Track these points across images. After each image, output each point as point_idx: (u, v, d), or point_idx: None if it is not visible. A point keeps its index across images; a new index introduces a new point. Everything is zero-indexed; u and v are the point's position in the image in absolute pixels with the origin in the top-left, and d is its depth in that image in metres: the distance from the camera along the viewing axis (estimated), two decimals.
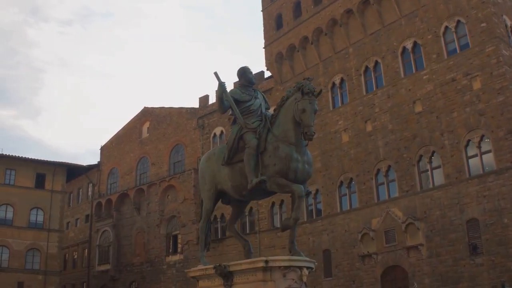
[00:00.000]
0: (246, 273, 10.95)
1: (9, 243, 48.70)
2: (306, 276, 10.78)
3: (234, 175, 11.91)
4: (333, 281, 37.71)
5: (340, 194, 39.20)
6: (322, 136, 40.88)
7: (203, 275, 11.92)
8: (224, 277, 11.23)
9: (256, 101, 12.32)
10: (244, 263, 11.08)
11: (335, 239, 38.32)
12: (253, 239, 44.33)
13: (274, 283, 10.51)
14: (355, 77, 39.35)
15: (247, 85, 12.66)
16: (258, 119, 11.99)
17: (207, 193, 12.61)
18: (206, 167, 12.75)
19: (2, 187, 49.51)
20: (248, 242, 12.64)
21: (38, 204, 50.94)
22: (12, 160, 50.71)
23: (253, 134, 11.67)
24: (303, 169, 11.29)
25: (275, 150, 11.20)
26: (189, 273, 12.62)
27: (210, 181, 12.52)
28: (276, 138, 11.32)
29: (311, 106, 10.95)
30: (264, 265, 10.56)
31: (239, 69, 12.80)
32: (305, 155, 11.40)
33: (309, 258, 11.40)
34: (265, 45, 46.79)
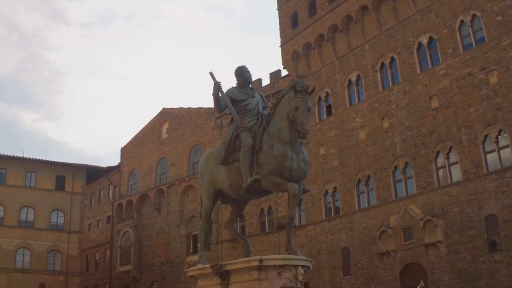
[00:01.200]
0: (242, 272, 10.97)
1: (31, 244, 49.33)
2: (302, 274, 10.70)
3: (230, 175, 11.93)
4: (352, 279, 37.51)
5: (358, 191, 38.95)
6: (339, 133, 40.72)
7: (201, 274, 11.99)
8: (221, 276, 11.27)
9: (253, 100, 12.31)
10: (239, 262, 11.09)
11: (353, 237, 38.10)
12: (272, 238, 44.36)
13: (269, 282, 10.50)
14: (371, 73, 39.07)
15: (245, 84, 12.66)
16: (254, 118, 11.99)
17: (206, 193, 12.65)
18: (204, 167, 12.79)
19: (23, 189, 50.24)
20: (247, 242, 12.69)
21: (59, 206, 51.55)
22: (33, 163, 51.41)
23: (249, 133, 11.67)
24: (298, 167, 11.23)
25: (270, 149, 11.18)
26: (188, 272, 12.69)
27: (209, 180, 12.55)
28: (272, 137, 11.29)
29: (304, 104, 10.89)
30: (259, 264, 10.56)
31: (236, 68, 12.81)
32: (301, 153, 11.34)
33: (305, 257, 11.29)
34: (281, 43, 46.69)
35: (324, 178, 41.51)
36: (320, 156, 42.17)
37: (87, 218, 66.53)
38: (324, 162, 41.74)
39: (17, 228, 49.34)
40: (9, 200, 49.45)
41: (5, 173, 50.36)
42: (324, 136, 42.09)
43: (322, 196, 41.52)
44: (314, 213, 41.71)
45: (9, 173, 50.46)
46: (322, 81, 43.13)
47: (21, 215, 49.96)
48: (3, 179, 50.22)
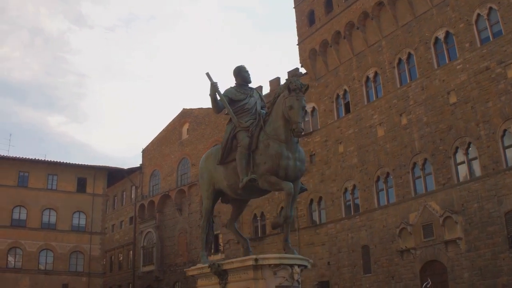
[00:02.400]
0: (238, 271, 10.96)
1: (53, 246, 49.89)
2: (298, 274, 10.61)
3: (228, 174, 11.91)
4: (372, 277, 37.27)
5: (377, 189, 38.69)
6: (358, 131, 40.50)
7: (200, 273, 12.02)
8: (219, 275, 11.27)
9: (251, 100, 12.27)
10: (236, 261, 11.10)
11: (373, 235, 37.85)
12: (293, 237, 44.11)
13: (265, 281, 10.45)
14: (389, 70, 38.77)
15: (243, 84, 12.63)
16: (252, 118, 11.96)
17: (206, 193, 12.65)
18: (204, 167, 12.79)
19: (45, 192, 50.85)
20: (247, 241, 12.67)
21: (80, 208, 52.05)
22: (54, 166, 51.98)
23: (246, 133, 11.64)
24: (294, 166, 11.15)
25: (266, 148, 11.14)
26: (187, 272, 12.70)
27: (208, 180, 12.54)
28: (268, 136, 11.25)
29: (298, 102, 10.80)
30: (254, 264, 10.52)
31: (235, 68, 12.79)
32: (297, 152, 11.25)
33: (301, 256, 11.21)
34: (299, 42, 46.57)
35: (343, 175, 41.30)
36: (339, 153, 41.96)
37: (110, 219, 67.12)
38: (343, 160, 41.52)
39: (39, 230, 49.92)
40: (31, 203, 50.05)
41: (27, 176, 50.98)
42: (343, 133, 41.88)
43: (342, 194, 41.31)
44: (333, 211, 41.51)
45: (31, 176, 51.07)
46: (339, 79, 42.94)
47: (44, 217, 50.54)
48: (26, 182, 50.86)
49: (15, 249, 48.91)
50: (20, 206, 49.85)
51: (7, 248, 48.40)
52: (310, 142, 44.88)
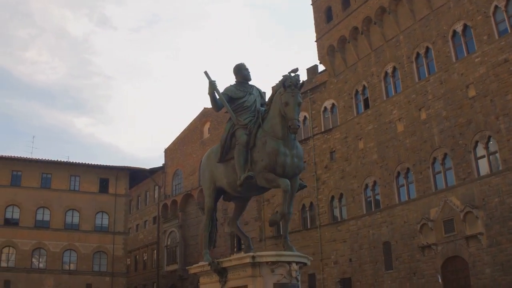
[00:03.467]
0: (237, 269, 10.99)
1: (77, 246, 50.43)
2: (296, 271, 10.56)
3: (228, 172, 11.92)
4: (394, 273, 37.00)
5: (398, 185, 38.37)
6: (377, 127, 40.23)
7: (202, 271, 12.06)
8: (219, 273, 11.29)
9: (250, 97, 12.25)
10: (234, 259, 11.14)
11: (394, 231, 37.56)
12: (314, 234, 44.12)
13: (262, 279, 10.43)
14: (407, 64, 38.41)
15: (243, 81, 12.62)
16: (251, 115, 11.95)
17: (208, 191, 12.71)
18: (206, 165, 12.83)
19: (68, 193, 51.43)
20: (248, 238, 12.67)
21: (103, 208, 52.53)
22: (76, 167, 52.54)
23: (244, 130, 11.65)
24: (292, 163, 11.11)
25: (263, 145, 11.16)
26: (190, 270, 12.76)
27: (209, 178, 12.58)
28: (265, 133, 11.24)
29: (293, 99, 10.77)
30: (252, 261, 10.51)
31: (235, 66, 12.79)
32: (294, 149, 11.21)
33: (300, 253, 11.16)
34: (317, 38, 46.41)
35: (363, 172, 41.05)
36: (359, 150, 41.72)
37: (134, 219, 67.63)
38: (363, 156, 41.27)
39: (63, 231, 50.51)
40: (55, 204, 50.65)
41: (50, 178, 51.61)
42: (363, 129, 41.63)
43: (362, 190, 41.07)
44: (354, 207, 41.30)
45: (54, 177, 51.70)
46: (358, 75, 42.69)
47: (67, 218, 51.14)
48: (48, 184, 51.48)
49: (39, 250, 49.58)
50: (44, 207, 50.51)
51: (32, 249, 49.09)
52: (330, 139, 44.73)
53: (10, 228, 49.12)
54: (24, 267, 48.16)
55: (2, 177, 50.01)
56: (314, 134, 46.22)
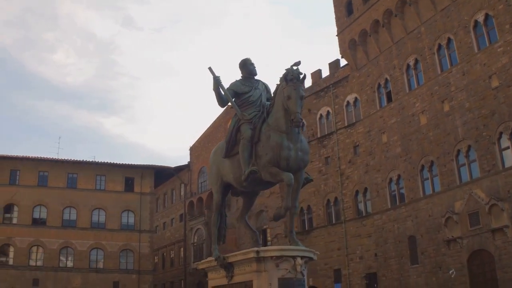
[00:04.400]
0: (243, 264, 10.97)
1: (103, 245, 50.92)
2: (300, 265, 10.48)
3: (234, 167, 11.89)
4: (420, 268, 36.62)
5: (422, 178, 37.95)
6: (400, 120, 39.84)
7: (209, 267, 12.08)
8: (225, 268, 11.29)
9: (255, 92, 12.19)
10: (239, 254, 11.14)
11: (419, 225, 37.16)
12: (339, 229, 43.90)
13: (267, 273, 10.37)
14: (429, 56, 37.94)
15: (248, 76, 12.56)
16: (256, 110, 11.91)
17: (215, 187, 12.70)
18: (213, 161, 12.82)
19: (94, 192, 51.96)
20: (256, 233, 12.63)
21: (129, 207, 52.96)
22: (102, 166, 53.01)
23: (249, 125, 11.60)
24: (296, 156, 11.01)
25: (267, 139, 11.10)
26: (198, 265, 12.77)
27: (216, 174, 12.56)
28: (270, 127, 11.17)
29: (296, 92, 10.69)
30: (256, 256, 10.46)
31: (240, 61, 12.76)
32: (299, 143, 11.11)
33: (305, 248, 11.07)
34: (338, 32, 46.13)
35: (387, 166, 40.70)
36: (382, 144, 41.37)
37: (161, 217, 68.06)
38: (387, 150, 40.92)
39: (89, 230, 51.07)
40: (81, 204, 51.21)
41: (76, 178, 52.22)
42: (386, 123, 41.26)
43: (387, 184, 40.73)
44: (379, 202, 40.99)
45: (80, 177, 52.30)
46: (380, 68, 42.33)
47: (93, 217, 51.69)
48: (75, 184, 52.09)
49: (67, 249, 50.18)
50: (70, 207, 51.11)
51: (59, 248, 49.70)
52: (353, 133, 44.46)
53: (38, 228, 49.82)
54: (52, 266, 48.81)
55: (29, 178, 50.74)
56: (338, 129, 45.97)
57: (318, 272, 44.62)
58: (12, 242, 48.76)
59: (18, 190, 49.66)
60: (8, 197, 49.28)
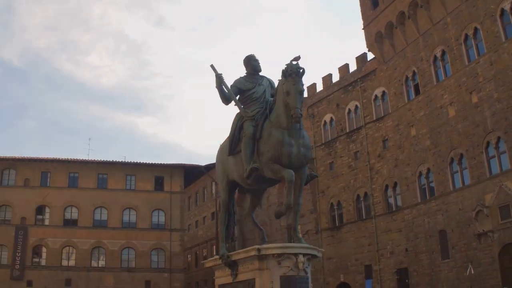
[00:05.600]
0: (246, 262, 10.90)
1: (135, 244, 51.38)
2: (303, 262, 10.29)
3: (238, 165, 11.79)
4: (451, 262, 36.00)
5: (452, 171, 37.29)
6: (429, 113, 39.22)
7: (216, 265, 12.02)
8: (230, 266, 11.20)
9: (259, 88, 12.05)
10: (241, 252, 11.07)
11: (449, 219, 36.52)
12: (370, 224, 43.46)
13: (269, 271, 10.23)
14: (456, 47, 37.24)
15: (253, 73, 12.41)
16: (259, 107, 11.76)
17: (222, 185, 12.65)
18: (219, 159, 12.75)
19: (124, 192, 52.48)
20: (263, 231, 12.55)
21: (159, 206, 53.32)
22: (132, 166, 53.41)
23: (251, 122, 11.48)
24: (298, 153, 10.82)
25: (268, 136, 10.94)
26: (205, 263, 12.74)
27: (222, 172, 12.50)
28: (271, 124, 11.02)
29: (295, 87, 10.51)
30: (257, 254, 10.35)
31: (244, 58, 12.62)
32: (300, 138, 10.92)
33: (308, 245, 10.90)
34: (364, 26, 45.63)
35: (416, 159, 40.12)
36: (411, 137, 40.80)
37: (193, 215, 68.26)
38: (415, 143, 40.35)
39: (120, 230, 51.59)
40: (111, 204, 51.75)
41: (106, 178, 52.75)
42: (414, 116, 40.68)
43: (416, 178, 40.15)
44: (409, 196, 40.45)
45: (110, 177, 52.82)
46: (407, 60, 41.73)
47: (124, 217, 52.20)
48: (105, 184, 52.67)
49: (98, 249, 50.78)
50: (101, 207, 51.69)
51: (91, 248, 50.33)
52: (382, 127, 43.97)
53: (70, 228, 50.54)
54: (84, 266, 49.45)
55: (60, 180, 51.47)
56: (366, 123, 45.50)
57: (349, 268, 44.32)
58: (44, 243, 49.55)
59: (50, 191, 50.42)
60: (40, 199, 50.07)
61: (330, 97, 49.71)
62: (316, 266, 47.97)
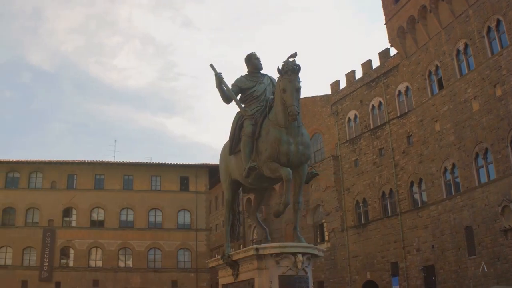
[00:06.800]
0: (246, 261, 10.85)
1: (161, 245, 51.67)
2: (301, 262, 10.16)
3: (238, 164, 11.74)
4: (477, 259, 35.41)
5: (477, 166, 36.71)
6: (453, 107, 38.65)
7: (219, 265, 11.96)
8: (231, 266, 11.13)
9: (260, 87, 11.98)
10: (241, 251, 11.01)
11: (475, 215, 35.94)
12: (395, 222, 43.05)
13: (268, 271, 10.14)
14: (478, 40, 36.63)
15: (254, 71, 12.34)
16: (259, 105, 11.67)
17: (225, 184, 12.58)
18: (222, 158, 12.72)
19: (149, 193, 52.80)
20: (266, 230, 12.46)
21: (184, 206, 53.56)
22: (157, 167, 53.73)
23: (250, 121, 11.39)
24: (297, 151, 10.69)
25: (266, 135, 10.83)
26: (209, 263, 12.69)
27: (225, 171, 12.45)
28: (270, 122, 10.92)
29: (291, 84, 10.40)
30: (255, 253, 10.26)
31: (246, 56, 12.60)
32: (299, 136, 10.79)
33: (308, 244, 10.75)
34: (386, 21, 45.18)
35: (441, 155, 39.59)
36: (435, 132, 40.26)
37: (220, 215, 68.24)
38: (440, 139, 39.80)
39: (146, 230, 51.95)
40: (137, 204, 52.15)
41: (132, 179, 53.16)
42: (438, 111, 40.14)
43: (442, 174, 39.60)
44: (434, 192, 39.93)
45: (135, 178, 53.20)
46: (430, 54, 41.20)
47: (150, 218, 52.57)
48: (130, 185, 53.10)
49: (125, 250, 51.20)
50: (127, 208, 52.11)
51: (117, 249, 50.77)
52: (406, 123, 43.49)
53: (96, 230, 51.07)
54: (111, 267, 49.91)
55: (86, 182, 52.02)
56: (390, 119, 45.06)
57: (375, 266, 43.97)
58: (72, 245, 50.16)
59: (76, 193, 51.04)
60: (67, 201, 50.69)
61: (353, 94, 49.38)
62: (342, 264, 47.74)
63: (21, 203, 50.67)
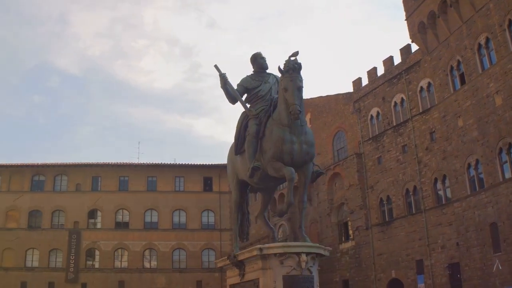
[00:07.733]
0: (251, 261, 10.86)
1: (185, 245, 51.98)
2: (305, 261, 10.11)
3: (244, 164, 11.78)
4: (503, 256, 34.91)
5: (501, 161, 36.20)
6: (475, 102, 38.16)
7: (226, 265, 11.96)
8: (237, 266, 11.14)
9: (265, 86, 11.96)
10: (246, 252, 10.99)
11: (500, 211, 35.41)
12: (420, 219, 42.66)
13: (272, 271, 10.11)
14: (500, 33, 36.12)
15: (260, 71, 12.33)
16: (264, 105, 11.65)
17: (232, 184, 12.60)
18: (229, 159, 12.75)
19: (173, 194, 53.21)
20: (273, 230, 12.46)
21: (208, 206, 53.80)
22: (180, 168, 54.01)
23: (255, 121, 11.39)
24: (300, 150, 10.64)
25: (270, 134, 10.80)
26: (217, 263, 12.68)
27: (232, 171, 12.46)
28: (273, 121, 10.88)
29: (292, 83, 10.34)
30: (259, 253, 10.24)
31: (251, 56, 12.61)
32: (302, 135, 10.73)
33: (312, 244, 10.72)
34: (406, 17, 44.81)
35: (464, 151, 39.11)
36: (458, 128, 39.79)
37: None
38: (463, 134, 39.32)
39: (171, 231, 52.32)
40: (161, 205, 52.53)
41: (155, 181, 53.53)
42: (461, 106, 39.66)
43: (465, 170, 39.13)
44: (458, 188, 39.46)
45: (159, 179, 53.55)
46: (451, 50, 40.73)
47: (174, 218, 52.92)
48: (154, 186, 53.50)
49: (150, 250, 51.60)
50: (151, 209, 52.49)
51: (142, 250, 51.19)
52: (428, 119, 43.05)
53: (121, 231, 51.54)
54: (136, 268, 50.34)
55: (110, 184, 52.50)
56: (412, 116, 44.66)
57: (400, 264, 43.62)
58: (97, 246, 50.69)
59: (101, 195, 51.59)
60: (91, 203, 51.25)
61: (375, 91, 49.06)
62: (366, 262, 47.47)
63: (46, 205, 51.35)
